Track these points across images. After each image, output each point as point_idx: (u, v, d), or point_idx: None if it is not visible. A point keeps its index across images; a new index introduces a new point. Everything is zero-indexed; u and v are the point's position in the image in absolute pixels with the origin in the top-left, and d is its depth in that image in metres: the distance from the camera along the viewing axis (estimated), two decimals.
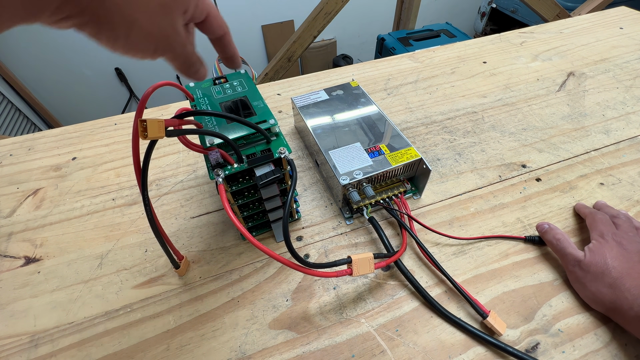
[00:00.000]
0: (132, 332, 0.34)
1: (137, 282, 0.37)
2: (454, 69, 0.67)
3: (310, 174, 0.48)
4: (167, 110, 0.60)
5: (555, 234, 0.37)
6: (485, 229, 0.41)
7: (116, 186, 0.48)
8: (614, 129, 0.53)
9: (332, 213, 0.43)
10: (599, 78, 0.63)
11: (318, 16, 1.11)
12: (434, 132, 0.54)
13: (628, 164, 0.47)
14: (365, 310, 0.35)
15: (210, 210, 0.44)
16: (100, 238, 0.42)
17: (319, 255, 0.39)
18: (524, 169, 0.47)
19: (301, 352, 0.32)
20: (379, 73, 0.67)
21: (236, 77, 0.39)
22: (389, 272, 0.38)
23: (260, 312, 0.35)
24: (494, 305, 0.34)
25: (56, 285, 0.37)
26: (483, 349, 0.32)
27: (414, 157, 0.41)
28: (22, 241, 0.42)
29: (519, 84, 0.62)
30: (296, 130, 0.56)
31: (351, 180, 0.39)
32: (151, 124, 0.24)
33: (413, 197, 0.44)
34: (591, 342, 0.32)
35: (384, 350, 0.32)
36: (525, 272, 0.37)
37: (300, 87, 0.65)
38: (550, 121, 0.55)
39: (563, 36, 0.76)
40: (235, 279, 0.37)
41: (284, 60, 1.18)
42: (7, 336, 0.34)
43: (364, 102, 0.50)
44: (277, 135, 0.34)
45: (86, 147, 0.54)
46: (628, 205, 0.42)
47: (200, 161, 0.51)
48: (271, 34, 2.12)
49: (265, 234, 0.41)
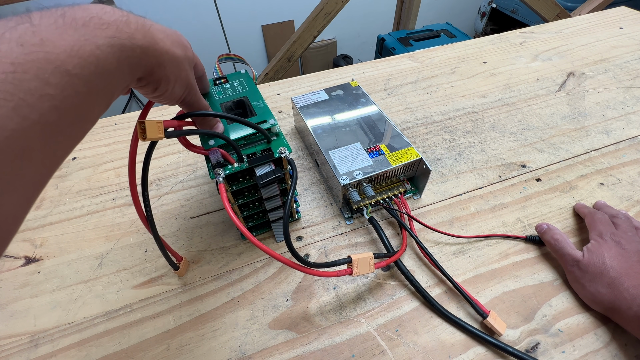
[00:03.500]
0: (132, 332, 0.34)
1: (137, 282, 0.37)
2: (454, 69, 0.67)
3: (310, 174, 0.48)
4: (167, 110, 0.60)
5: (554, 234, 0.37)
6: (485, 229, 0.41)
7: (116, 186, 0.48)
8: (614, 129, 0.53)
9: (332, 213, 0.43)
10: (599, 78, 0.63)
11: (318, 16, 1.11)
12: (434, 132, 0.54)
13: (628, 164, 0.47)
14: (365, 310, 0.35)
15: (210, 210, 0.44)
16: (100, 238, 0.42)
17: (319, 255, 0.39)
18: (524, 169, 0.47)
19: (301, 352, 0.32)
20: (379, 73, 0.67)
21: (236, 78, 0.39)
22: (389, 272, 0.38)
23: (260, 312, 0.35)
24: (494, 305, 0.34)
25: (56, 285, 0.37)
26: (483, 349, 0.32)
27: (414, 157, 0.41)
28: (22, 241, 0.42)
29: (519, 84, 0.62)
30: (296, 130, 0.56)
31: (351, 180, 0.39)
32: (150, 125, 0.24)
33: (413, 197, 0.44)
34: (591, 342, 0.32)
35: (384, 350, 0.32)
36: (525, 272, 0.37)
37: (300, 87, 0.65)
38: (550, 121, 0.55)
39: (563, 36, 0.76)
40: (235, 279, 0.37)
41: (284, 60, 1.18)
42: (7, 336, 0.34)
43: (364, 102, 0.50)
44: (277, 135, 0.34)
45: (86, 147, 0.54)
46: (628, 205, 0.42)
47: (200, 161, 0.51)
48: (271, 34, 2.12)
49: (265, 234, 0.41)
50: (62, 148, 0.17)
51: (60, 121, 0.16)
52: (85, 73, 0.17)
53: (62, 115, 0.16)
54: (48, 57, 0.15)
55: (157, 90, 0.24)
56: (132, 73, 0.21)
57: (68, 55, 0.16)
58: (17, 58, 0.14)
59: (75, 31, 0.17)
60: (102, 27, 0.18)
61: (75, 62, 0.16)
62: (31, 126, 0.15)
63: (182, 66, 0.25)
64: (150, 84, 0.23)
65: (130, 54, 0.19)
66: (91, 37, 0.17)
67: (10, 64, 0.14)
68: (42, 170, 0.16)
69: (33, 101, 0.14)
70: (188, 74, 0.26)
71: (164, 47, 0.22)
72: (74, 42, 0.16)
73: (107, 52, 0.18)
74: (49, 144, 0.16)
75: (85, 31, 0.17)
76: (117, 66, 0.19)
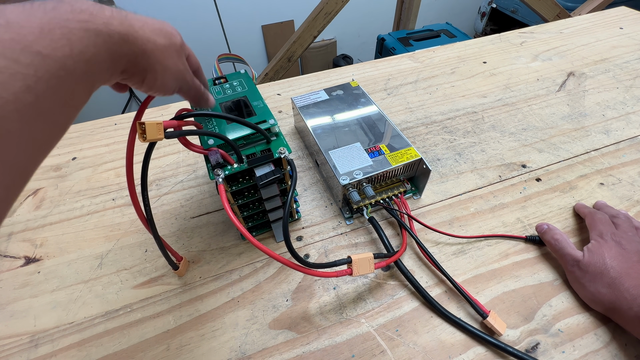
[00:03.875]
0: (132, 332, 0.34)
1: (137, 282, 0.37)
2: (454, 69, 0.67)
3: (310, 174, 0.48)
4: (167, 110, 0.60)
5: (554, 234, 0.37)
6: (485, 229, 0.41)
7: (116, 186, 0.48)
8: (614, 129, 0.53)
9: (332, 213, 0.43)
10: (599, 78, 0.63)
11: (318, 16, 1.11)
12: (434, 132, 0.54)
13: (628, 164, 0.47)
14: (365, 310, 0.35)
15: (210, 210, 0.44)
16: (100, 238, 0.42)
17: (319, 255, 0.39)
18: (524, 169, 0.47)
19: (301, 352, 0.32)
20: (379, 73, 0.67)
21: (236, 77, 0.39)
22: (389, 272, 0.38)
23: (260, 312, 0.35)
24: (494, 305, 0.34)
25: (56, 285, 0.37)
26: (483, 349, 0.32)
27: (414, 157, 0.41)
28: (22, 241, 0.42)
29: (519, 84, 0.62)
30: (296, 130, 0.56)
31: (351, 180, 0.39)
32: (150, 126, 0.24)
33: (413, 197, 0.44)
34: (591, 342, 0.32)
35: (384, 350, 0.32)
36: (525, 272, 0.37)
37: (300, 87, 0.65)
38: (550, 121, 0.55)
39: (563, 36, 0.76)
40: (235, 279, 0.37)
41: (284, 60, 1.18)
42: (7, 336, 0.34)
43: (364, 102, 0.50)
44: (277, 135, 0.34)
45: (86, 147, 0.54)
46: (628, 205, 0.42)
47: (200, 161, 0.51)
48: (271, 34, 2.12)
49: (265, 234, 0.41)
50: (43, 134, 0.17)
51: (37, 104, 0.16)
52: (59, 55, 0.16)
53: (40, 98, 0.16)
54: (14, 37, 0.15)
55: (145, 81, 0.24)
56: (114, 61, 0.20)
57: (37, 36, 0.15)
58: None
59: (44, 14, 0.16)
60: (74, 12, 0.17)
61: (46, 43, 0.16)
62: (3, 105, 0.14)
63: (168, 54, 0.24)
64: (136, 74, 0.23)
65: (108, 40, 0.19)
66: (62, 21, 0.17)
67: None
68: (21, 157, 0.16)
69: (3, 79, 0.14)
70: (176, 62, 0.25)
71: (144, 35, 0.22)
72: (43, 24, 0.16)
73: (81, 36, 0.17)
74: (27, 127, 0.15)
75: (55, 14, 0.17)
76: (95, 52, 0.18)
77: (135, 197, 0.29)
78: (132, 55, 0.21)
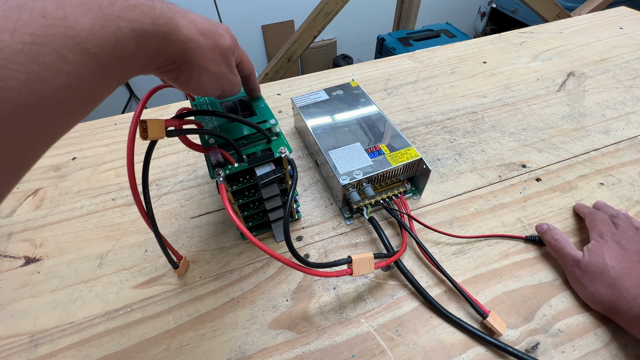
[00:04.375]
0: (132, 332, 0.34)
1: (137, 282, 0.37)
2: (454, 69, 0.67)
3: (310, 174, 0.48)
4: (167, 110, 0.60)
5: (554, 234, 0.37)
6: (485, 229, 0.41)
7: (116, 186, 0.48)
8: (613, 129, 0.53)
9: (332, 213, 0.43)
10: (599, 78, 0.63)
11: (318, 16, 1.11)
12: (434, 132, 0.54)
13: (628, 164, 0.47)
14: (365, 310, 0.35)
15: (210, 210, 0.44)
16: (100, 238, 0.42)
17: (319, 255, 0.39)
18: (524, 169, 0.47)
19: (301, 352, 0.32)
20: (379, 73, 0.67)
21: None
22: (389, 272, 0.38)
23: (260, 312, 0.35)
24: (494, 305, 0.34)
25: (56, 285, 0.37)
26: (483, 349, 0.32)
27: (414, 157, 0.41)
28: (22, 241, 0.42)
29: (518, 84, 0.62)
30: (296, 130, 0.56)
31: (351, 180, 0.39)
32: (151, 124, 0.24)
33: (413, 197, 0.44)
34: (591, 342, 0.32)
35: (384, 350, 0.32)
36: (525, 272, 0.37)
37: (300, 87, 0.65)
38: (550, 121, 0.55)
39: (563, 36, 0.76)
40: (235, 279, 0.37)
41: (284, 60, 1.18)
42: (7, 336, 0.34)
43: (364, 102, 0.50)
44: (277, 135, 0.34)
45: (86, 147, 0.54)
46: (628, 205, 0.42)
47: (200, 161, 0.51)
48: (271, 34, 2.12)
49: (265, 234, 0.41)
50: (63, 128, 0.16)
51: (70, 101, 0.15)
52: (104, 54, 0.16)
53: (74, 95, 0.15)
54: (69, 32, 0.15)
55: (179, 80, 0.23)
56: (150, 60, 0.20)
57: (89, 33, 0.15)
58: (38, 29, 0.14)
59: (100, 9, 0.16)
60: (127, 9, 0.17)
61: (96, 41, 0.16)
62: (39, 102, 0.14)
63: (209, 55, 0.24)
64: (171, 72, 0.22)
65: (151, 40, 0.19)
66: (115, 18, 0.17)
67: (29, 34, 0.13)
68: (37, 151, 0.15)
69: (47, 76, 0.14)
70: (218, 64, 0.25)
71: (187, 35, 0.21)
72: (96, 21, 0.16)
73: (128, 35, 0.17)
74: (53, 122, 0.15)
75: (110, 10, 0.16)
76: (135, 51, 0.18)
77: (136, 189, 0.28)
78: (169, 54, 0.21)
